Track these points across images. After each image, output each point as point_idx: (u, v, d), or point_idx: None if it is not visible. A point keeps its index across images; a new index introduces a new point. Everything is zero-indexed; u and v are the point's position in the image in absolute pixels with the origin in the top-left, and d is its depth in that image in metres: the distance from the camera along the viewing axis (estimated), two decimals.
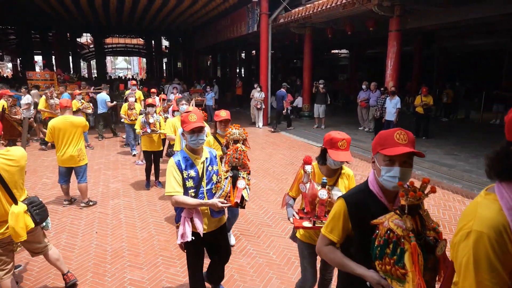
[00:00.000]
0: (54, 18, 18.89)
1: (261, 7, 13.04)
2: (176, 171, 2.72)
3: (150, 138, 6.45)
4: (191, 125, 2.72)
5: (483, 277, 1.05)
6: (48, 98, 9.40)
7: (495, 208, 1.10)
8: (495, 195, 1.15)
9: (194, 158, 2.83)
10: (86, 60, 40.04)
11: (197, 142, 2.76)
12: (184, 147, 2.90)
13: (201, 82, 18.62)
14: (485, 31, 13.47)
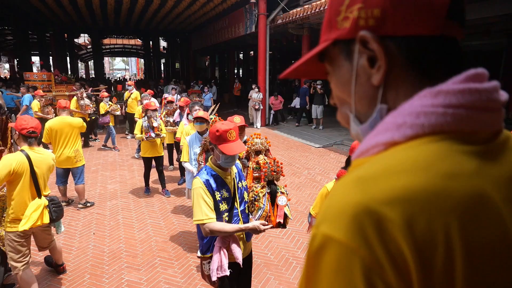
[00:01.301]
0: (51, 19, 18.87)
1: (259, 8, 13.05)
2: (206, 193, 2.26)
3: (152, 143, 6.09)
4: (231, 148, 2.25)
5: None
6: (79, 99, 9.46)
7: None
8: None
9: (224, 176, 2.39)
10: (83, 61, 39.93)
11: (232, 163, 2.36)
12: (209, 162, 2.45)
13: (199, 83, 18.63)
14: (481, 32, 13.51)
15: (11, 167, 3.00)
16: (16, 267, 3.14)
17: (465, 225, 0.43)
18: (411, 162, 0.46)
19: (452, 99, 0.48)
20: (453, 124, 0.48)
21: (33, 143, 3.28)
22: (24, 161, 3.11)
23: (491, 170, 0.48)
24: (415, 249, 0.41)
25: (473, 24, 11.92)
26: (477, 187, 0.45)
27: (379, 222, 0.42)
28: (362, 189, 0.45)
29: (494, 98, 0.50)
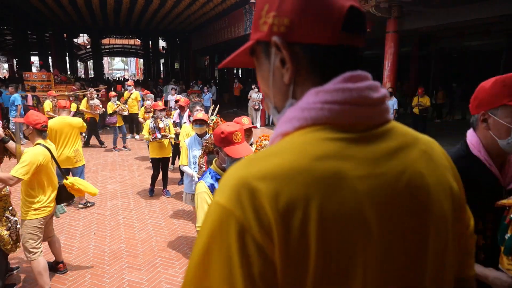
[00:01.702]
0: (51, 18, 18.85)
1: None
2: (210, 198, 2.20)
3: (160, 144, 5.99)
4: (237, 150, 2.18)
5: None
6: (89, 99, 9.48)
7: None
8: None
9: None
10: (83, 61, 39.90)
11: None
12: (213, 165, 2.40)
13: (198, 83, 18.62)
14: (481, 32, 13.54)
15: (39, 162, 3.21)
16: (35, 253, 3.32)
17: (321, 197, 0.52)
18: (287, 147, 0.57)
19: (328, 97, 0.58)
20: (329, 117, 0.58)
21: (46, 137, 3.54)
22: (47, 153, 3.37)
23: (357, 152, 0.57)
24: (278, 214, 0.51)
25: (473, 25, 11.94)
26: (338, 167, 0.54)
27: (252, 192, 0.52)
28: (246, 167, 0.56)
29: (365, 95, 0.58)
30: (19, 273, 3.84)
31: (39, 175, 3.31)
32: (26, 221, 3.31)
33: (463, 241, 0.75)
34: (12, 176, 3.06)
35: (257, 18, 0.66)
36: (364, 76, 0.60)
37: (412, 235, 0.59)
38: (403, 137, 0.63)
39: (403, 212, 0.58)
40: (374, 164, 0.57)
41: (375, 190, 0.56)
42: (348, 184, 0.54)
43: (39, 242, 3.39)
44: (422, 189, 0.60)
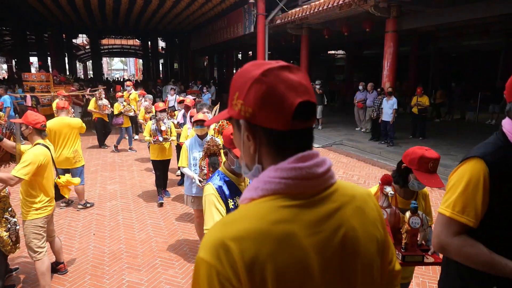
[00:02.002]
0: (50, 19, 18.81)
1: (257, 8, 13.04)
2: (218, 201, 2.15)
3: (161, 146, 5.82)
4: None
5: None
6: (97, 99, 9.48)
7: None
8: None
9: (238, 182, 2.28)
10: (82, 61, 39.89)
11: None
12: (222, 167, 2.37)
13: (197, 83, 18.61)
14: (480, 32, 13.55)
15: (40, 162, 3.22)
16: (40, 253, 3.34)
17: (275, 252, 0.71)
18: (253, 213, 0.75)
19: (284, 174, 0.76)
20: (285, 189, 0.76)
21: (46, 136, 3.54)
22: (47, 153, 3.37)
23: (304, 216, 0.76)
24: (244, 266, 0.69)
25: (471, 24, 11.95)
26: (289, 229, 0.73)
27: (227, 250, 0.70)
28: (222, 229, 0.74)
29: (312, 171, 0.77)
30: (18, 274, 3.83)
31: (40, 175, 3.30)
32: (28, 221, 3.31)
33: (387, 274, 0.93)
34: (13, 176, 3.05)
35: (231, 99, 0.82)
36: (313, 155, 0.79)
37: (346, 274, 0.79)
38: (342, 197, 0.82)
39: (338, 258, 0.78)
40: (316, 224, 0.76)
41: (317, 244, 0.75)
42: (296, 242, 0.73)
43: (44, 241, 3.40)
44: (354, 240, 0.80)
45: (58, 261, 3.86)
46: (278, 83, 0.76)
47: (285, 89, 0.75)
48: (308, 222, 0.76)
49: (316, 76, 17.92)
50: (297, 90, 0.76)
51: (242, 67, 0.82)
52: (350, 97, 15.72)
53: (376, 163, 8.45)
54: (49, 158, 3.40)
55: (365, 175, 7.46)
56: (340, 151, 9.70)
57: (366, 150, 9.60)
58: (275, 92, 0.75)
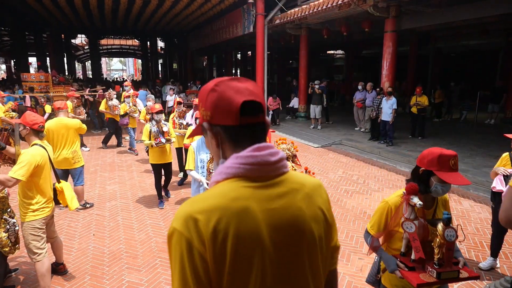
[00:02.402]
0: (48, 19, 18.78)
1: (256, 8, 13.04)
2: None
3: (161, 149, 5.60)
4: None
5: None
6: (107, 99, 9.49)
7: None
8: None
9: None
10: (81, 62, 39.83)
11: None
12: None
13: (197, 83, 18.60)
14: (479, 32, 13.56)
15: (37, 162, 3.20)
16: (40, 254, 3.33)
17: (234, 223, 0.88)
18: (217, 192, 0.93)
19: (242, 160, 0.94)
20: (243, 173, 0.94)
21: (43, 137, 3.53)
22: (44, 154, 3.35)
23: (259, 195, 0.93)
24: (209, 234, 0.86)
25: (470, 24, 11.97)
26: (245, 204, 0.90)
27: (195, 221, 0.87)
28: (192, 205, 0.92)
29: (266, 159, 0.94)
30: (18, 275, 3.82)
31: (37, 176, 3.28)
32: (26, 223, 3.30)
33: (330, 249, 1.12)
34: (10, 177, 3.04)
35: (199, 108, 1.03)
36: (267, 146, 0.97)
37: (294, 248, 0.96)
38: (292, 184, 1.00)
39: (287, 233, 0.95)
40: (269, 202, 0.94)
41: (268, 218, 0.92)
42: (251, 215, 0.90)
43: (43, 243, 3.38)
44: (301, 218, 0.98)
45: (58, 262, 3.85)
46: (227, 89, 0.96)
47: (232, 93, 0.95)
48: (262, 200, 0.93)
49: (315, 76, 17.94)
50: (242, 93, 0.96)
51: (207, 84, 1.03)
52: (350, 97, 15.74)
53: (376, 163, 8.45)
54: (46, 159, 3.38)
55: (365, 175, 7.47)
56: (339, 151, 9.70)
57: (365, 150, 9.61)
58: (225, 96, 0.95)
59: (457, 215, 5.42)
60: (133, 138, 9.48)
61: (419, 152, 8.70)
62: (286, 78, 24.03)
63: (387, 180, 7.13)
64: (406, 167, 7.93)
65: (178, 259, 0.88)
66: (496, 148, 8.46)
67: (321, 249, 1.03)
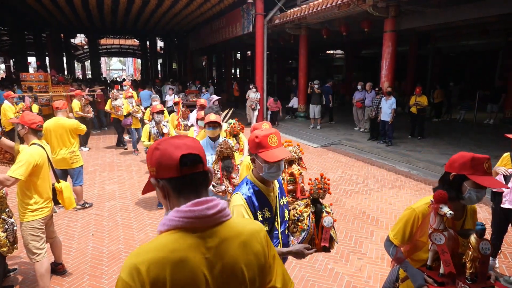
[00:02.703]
0: (48, 19, 18.76)
1: (256, 8, 13.04)
2: (247, 213, 1.96)
3: None
4: (273, 153, 1.94)
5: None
6: (112, 99, 9.50)
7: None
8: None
9: (267, 192, 2.07)
10: (80, 61, 39.78)
11: (277, 175, 2.02)
12: (250, 175, 2.12)
13: (196, 83, 18.58)
14: (479, 32, 13.56)
15: (35, 161, 3.18)
16: (39, 254, 3.32)
17: (172, 273, 1.00)
18: (158, 245, 1.04)
19: (182, 214, 1.06)
20: (182, 225, 1.06)
21: (42, 136, 3.52)
22: (43, 153, 3.33)
23: (197, 245, 1.05)
24: (149, 282, 0.99)
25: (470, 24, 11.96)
26: (183, 256, 1.03)
27: (139, 272, 0.99)
28: (137, 256, 1.02)
29: (204, 213, 1.06)
30: (16, 275, 3.82)
31: (35, 175, 3.27)
32: (25, 223, 3.29)
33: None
34: (9, 176, 3.03)
35: (147, 166, 1.18)
36: (206, 200, 1.09)
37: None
38: (229, 233, 1.12)
39: (221, 278, 1.08)
40: (205, 252, 1.07)
41: (205, 266, 1.06)
42: (188, 265, 1.03)
43: (43, 243, 3.37)
44: (234, 265, 1.10)
45: (57, 262, 3.84)
46: (168, 147, 1.12)
47: (172, 149, 1.11)
48: (198, 250, 1.06)
49: (315, 76, 17.93)
50: (180, 148, 1.12)
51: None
52: (349, 97, 15.73)
53: (375, 163, 8.45)
54: (45, 158, 3.37)
55: (364, 175, 7.47)
56: (338, 151, 9.70)
57: (364, 149, 9.60)
58: (166, 153, 1.10)
59: None
60: (135, 139, 9.37)
61: (418, 152, 8.78)
62: (286, 78, 24.04)
63: (386, 180, 7.13)
64: (406, 167, 7.92)
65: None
66: (496, 148, 8.47)
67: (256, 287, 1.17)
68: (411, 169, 7.74)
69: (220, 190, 3.49)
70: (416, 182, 7.00)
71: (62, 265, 3.86)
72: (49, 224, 3.62)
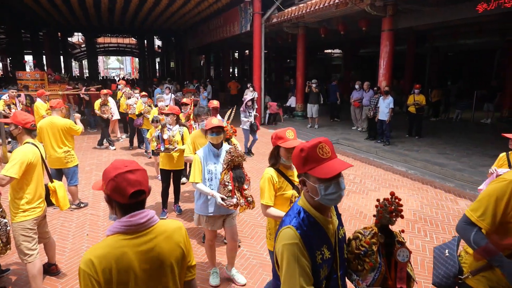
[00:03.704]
0: (45, 17, 18.68)
1: (254, 6, 13.00)
2: (303, 254, 1.49)
3: (168, 154, 5.14)
4: (328, 167, 1.50)
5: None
6: (126, 98, 9.53)
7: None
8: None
9: (326, 224, 1.60)
10: (77, 60, 39.65)
11: (338, 196, 1.53)
12: (302, 201, 1.64)
13: (194, 82, 18.53)
14: (476, 31, 13.56)
15: (29, 160, 3.17)
16: (31, 255, 3.27)
17: (115, 263, 1.42)
18: (106, 244, 1.46)
19: (122, 223, 1.47)
20: (122, 231, 1.47)
21: (36, 136, 3.49)
22: (36, 152, 3.31)
23: (133, 243, 1.46)
24: (100, 271, 1.40)
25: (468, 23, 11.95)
26: (123, 251, 1.44)
27: (92, 263, 1.40)
28: (91, 252, 1.44)
29: (137, 221, 1.47)
30: (9, 276, 3.78)
31: (29, 174, 3.23)
32: (16, 223, 3.24)
33: (185, 269, 1.66)
34: (4, 175, 3.00)
35: (101, 186, 1.55)
36: (139, 213, 1.49)
37: (158, 272, 1.52)
38: (157, 232, 1.53)
39: (152, 264, 1.49)
40: (139, 247, 1.46)
41: (139, 257, 1.46)
42: (126, 257, 1.43)
43: (35, 244, 3.31)
44: (161, 254, 1.52)
45: (50, 262, 3.80)
46: (121, 181, 1.45)
47: (125, 185, 1.45)
48: (133, 247, 1.46)
49: (313, 75, 17.92)
50: (133, 184, 1.45)
51: (110, 166, 1.52)
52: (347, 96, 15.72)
53: (372, 162, 8.44)
54: (39, 157, 3.33)
55: (361, 174, 7.45)
56: (336, 150, 9.64)
57: (362, 149, 9.59)
58: (120, 186, 1.45)
59: (454, 214, 5.40)
60: (147, 140, 9.15)
61: (416, 152, 8.78)
62: (284, 77, 24.00)
63: (384, 180, 7.11)
64: (403, 166, 7.91)
65: (84, 287, 1.43)
66: (493, 147, 8.46)
67: (179, 270, 1.60)
68: (409, 169, 7.72)
69: (231, 204, 3.16)
70: (414, 181, 6.99)
71: (55, 265, 3.82)
72: (42, 224, 3.57)
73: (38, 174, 3.36)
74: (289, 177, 2.58)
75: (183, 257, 1.61)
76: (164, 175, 5.30)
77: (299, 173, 1.61)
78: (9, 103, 9.15)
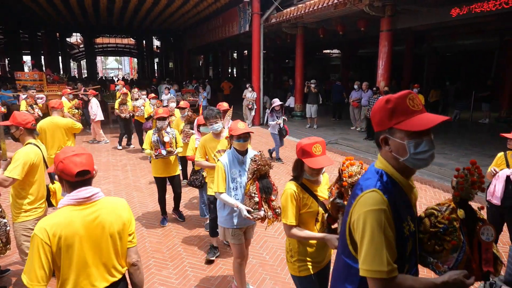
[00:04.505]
0: (43, 17, 18.65)
1: (252, 7, 13.02)
2: (389, 225, 1.31)
3: (165, 160, 4.87)
4: (423, 119, 1.33)
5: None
6: (133, 100, 9.49)
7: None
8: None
9: (410, 190, 1.46)
10: (76, 60, 39.57)
11: (430, 156, 1.36)
12: (381, 162, 1.50)
13: (193, 82, 18.52)
14: (475, 31, 13.60)
15: (31, 160, 3.17)
16: None
17: (64, 229, 1.75)
18: (57, 214, 1.81)
19: (70, 197, 1.83)
20: (71, 203, 1.83)
21: (38, 135, 3.49)
22: (39, 152, 3.32)
23: (79, 213, 1.82)
24: (51, 236, 1.72)
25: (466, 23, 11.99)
26: (71, 219, 1.79)
27: (45, 230, 1.73)
28: (44, 221, 1.78)
29: (83, 196, 1.84)
30: (9, 276, 3.78)
31: (31, 174, 3.24)
32: (18, 223, 3.24)
33: (126, 242, 1.97)
34: (7, 177, 3.01)
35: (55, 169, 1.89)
36: (85, 189, 1.84)
37: (100, 237, 1.85)
38: (102, 206, 1.87)
39: (95, 230, 1.83)
40: (85, 217, 1.81)
41: (84, 224, 1.80)
42: (73, 225, 1.78)
43: None
44: (103, 222, 1.85)
45: None
46: (68, 163, 1.80)
47: (72, 165, 1.79)
48: (80, 216, 1.79)
49: (311, 76, 17.93)
50: (77, 165, 1.80)
51: (60, 152, 1.88)
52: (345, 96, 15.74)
53: (371, 162, 8.45)
54: (41, 158, 3.33)
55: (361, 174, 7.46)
56: (335, 150, 9.70)
57: (361, 149, 9.61)
58: (67, 167, 1.79)
59: None
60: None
61: None
62: (283, 77, 24.02)
63: None
64: None
65: (35, 250, 1.69)
66: (491, 147, 8.49)
67: (120, 237, 1.91)
68: None
69: (259, 217, 2.88)
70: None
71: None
72: None
73: (40, 174, 3.36)
74: (314, 192, 2.32)
75: (124, 227, 1.95)
76: (159, 182, 5.04)
77: (381, 130, 1.42)
78: (31, 103, 9.27)
